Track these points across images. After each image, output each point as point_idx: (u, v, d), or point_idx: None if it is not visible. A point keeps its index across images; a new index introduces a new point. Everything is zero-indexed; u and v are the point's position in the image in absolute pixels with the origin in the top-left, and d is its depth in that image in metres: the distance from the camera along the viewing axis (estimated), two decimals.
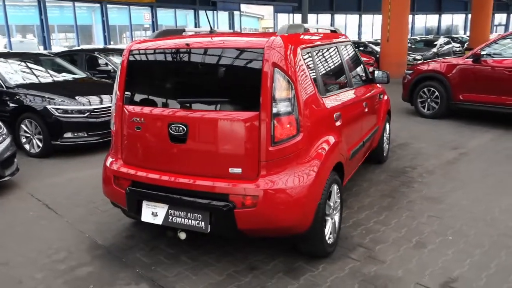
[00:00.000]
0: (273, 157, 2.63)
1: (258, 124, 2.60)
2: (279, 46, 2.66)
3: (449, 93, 7.49)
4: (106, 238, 3.46)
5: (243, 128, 2.63)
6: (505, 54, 6.89)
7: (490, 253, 3.07)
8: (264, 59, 2.62)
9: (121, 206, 3.16)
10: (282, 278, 2.82)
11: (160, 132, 2.84)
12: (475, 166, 5.10)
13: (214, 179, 2.72)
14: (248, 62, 2.70)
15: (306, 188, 2.65)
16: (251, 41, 2.80)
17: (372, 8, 33.78)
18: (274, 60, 2.61)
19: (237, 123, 2.64)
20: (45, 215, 3.97)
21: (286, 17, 30.11)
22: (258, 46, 2.68)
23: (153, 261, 3.09)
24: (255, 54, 2.66)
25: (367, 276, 2.82)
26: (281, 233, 2.75)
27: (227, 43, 2.82)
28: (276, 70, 2.60)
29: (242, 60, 2.72)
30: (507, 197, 4.08)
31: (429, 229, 3.47)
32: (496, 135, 6.57)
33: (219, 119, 2.69)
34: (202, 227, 2.71)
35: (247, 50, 2.72)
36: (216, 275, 2.89)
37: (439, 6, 37.71)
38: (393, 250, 3.14)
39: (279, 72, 2.61)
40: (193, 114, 2.75)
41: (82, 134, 5.81)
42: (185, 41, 2.88)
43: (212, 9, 24.92)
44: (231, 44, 2.80)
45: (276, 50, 2.64)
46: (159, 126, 2.85)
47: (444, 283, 2.70)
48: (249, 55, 2.70)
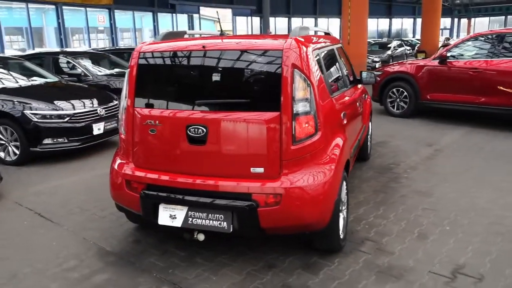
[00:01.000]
0: (294, 156, 2.70)
1: (279, 124, 2.67)
2: (296, 47, 2.74)
3: (417, 93, 7.89)
4: (114, 244, 3.39)
5: (265, 128, 2.69)
6: (469, 55, 7.36)
7: (488, 240, 3.30)
8: (283, 60, 2.69)
9: (133, 211, 3.11)
10: (302, 274, 2.90)
11: (178, 134, 2.84)
12: (453, 161, 5.42)
13: (235, 179, 2.75)
14: (266, 63, 2.76)
15: (327, 185, 2.74)
16: (268, 43, 2.86)
17: (327, 12, 34.79)
18: (293, 61, 2.69)
19: (259, 124, 2.70)
20: (41, 224, 3.81)
21: (244, 20, 30.32)
22: (276, 47, 2.74)
23: (168, 265, 3.07)
24: (273, 55, 2.73)
25: (381, 267, 2.95)
26: (302, 230, 2.83)
27: (244, 45, 2.87)
28: (295, 71, 2.68)
29: (260, 62, 2.78)
30: (488, 189, 4.39)
31: (427, 220, 3.68)
32: (464, 132, 7.00)
33: (240, 120, 2.73)
34: (224, 227, 2.74)
35: (265, 51, 2.78)
36: (236, 274, 2.92)
37: (390, 11, 39.41)
38: (399, 242, 3.31)
39: (297, 73, 2.69)
40: (213, 115, 2.77)
41: (62, 140, 5.61)
42: (202, 43, 2.89)
43: (170, 12, 24.68)
44: (248, 46, 2.85)
45: (293, 51, 2.72)
46: (176, 128, 2.84)
47: (453, 270, 2.89)
48: (267, 56, 2.76)
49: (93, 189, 4.68)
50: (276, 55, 2.72)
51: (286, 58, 2.69)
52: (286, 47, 2.72)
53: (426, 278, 2.81)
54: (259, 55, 2.78)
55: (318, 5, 34.12)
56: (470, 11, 39.64)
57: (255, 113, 2.72)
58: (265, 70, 2.76)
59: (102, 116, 6.05)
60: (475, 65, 7.07)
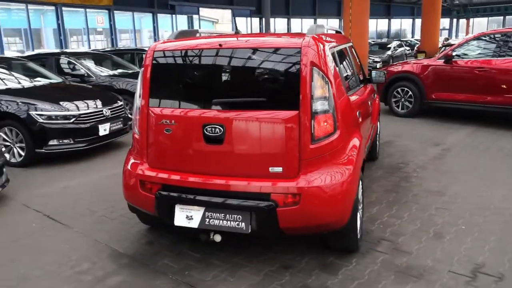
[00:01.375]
0: (313, 155, 2.66)
1: (298, 123, 2.63)
2: (314, 45, 2.71)
3: (422, 92, 7.86)
4: (126, 246, 3.35)
5: (283, 127, 2.65)
6: (474, 54, 7.34)
7: (504, 239, 3.27)
8: (302, 58, 2.65)
9: (147, 212, 3.07)
10: (320, 275, 2.86)
11: (194, 133, 2.80)
12: (461, 160, 5.39)
13: (253, 179, 2.71)
14: (285, 61, 2.72)
15: (346, 185, 2.71)
16: (286, 41, 2.83)
17: (326, 12, 34.82)
18: (311, 59, 2.66)
19: (277, 122, 2.66)
20: (50, 226, 3.76)
21: (244, 21, 30.29)
22: (295, 46, 2.71)
23: (183, 266, 3.03)
24: (292, 54, 2.69)
25: (400, 267, 2.92)
26: (321, 229, 2.79)
27: (261, 43, 2.83)
28: (314, 69, 2.65)
29: (278, 60, 2.74)
30: (500, 187, 4.36)
31: (441, 220, 3.64)
32: (470, 131, 6.98)
33: (259, 119, 2.69)
34: (243, 228, 2.70)
35: (283, 49, 2.74)
36: (253, 275, 2.88)
37: (389, 11, 39.46)
38: (415, 242, 3.27)
39: (316, 71, 2.66)
40: (230, 114, 2.73)
41: (68, 141, 5.55)
42: (218, 41, 2.85)
43: (170, 13, 24.63)
44: (265, 44, 2.81)
45: (312, 49, 2.68)
46: (193, 128, 2.80)
47: (473, 269, 2.85)
48: (285, 54, 2.72)
49: (101, 190, 4.63)
50: (294, 53, 2.68)
51: (304, 56, 2.65)
52: (305, 44, 2.69)
53: (446, 277, 2.77)
54: (277, 53, 2.74)
55: (317, 6, 34.13)
56: (469, 12, 39.71)
57: (273, 112, 2.68)
58: (283, 68, 2.72)
59: (108, 116, 6.01)
60: (481, 64, 7.05)
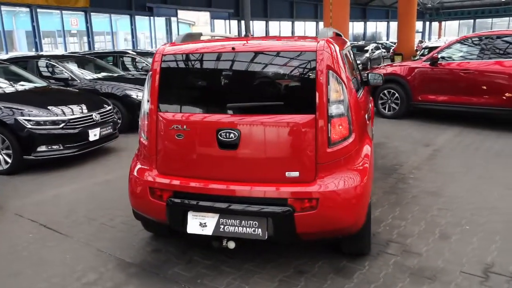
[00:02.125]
0: (330, 159, 2.65)
1: (315, 127, 2.62)
2: (328, 48, 2.70)
3: (409, 94, 8.01)
4: (132, 255, 3.25)
5: (300, 131, 2.63)
6: (459, 57, 7.52)
7: (509, 238, 3.34)
8: (318, 61, 2.64)
9: (155, 219, 2.99)
10: (335, 279, 2.85)
11: (208, 139, 2.74)
12: (453, 160, 5.50)
13: (269, 184, 2.67)
14: (300, 64, 2.70)
15: (362, 188, 2.70)
16: (301, 44, 2.80)
17: (304, 15, 35.14)
18: (327, 62, 2.64)
19: (294, 126, 2.63)
20: (48, 236, 3.62)
21: (222, 24, 30.22)
22: (310, 49, 2.69)
23: (195, 274, 2.96)
24: (307, 57, 2.68)
25: (413, 269, 2.93)
26: (337, 234, 2.77)
27: (275, 46, 2.81)
28: (330, 72, 2.64)
29: (293, 63, 2.71)
30: (495, 187, 4.46)
31: (444, 220, 3.69)
32: (456, 132, 7.14)
33: (274, 123, 2.66)
34: (259, 234, 2.65)
35: (298, 53, 2.72)
36: (268, 281, 2.85)
37: (364, 14, 40.13)
38: (423, 243, 3.30)
39: (332, 74, 2.65)
40: (246, 119, 2.68)
41: (58, 147, 5.38)
42: (230, 44, 2.81)
43: (148, 15, 24.33)
44: (279, 47, 2.79)
45: (327, 52, 2.67)
46: (206, 133, 2.75)
47: (484, 270, 2.90)
48: (300, 58, 2.70)
49: (96, 197, 4.50)
50: (309, 56, 2.67)
51: (320, 59, 2.64)
52: (320, 48, 2.67)
53: (459, 278, 2.80)
54: (291, 57, 2.72)
55: (295, 9, 34.41)
56: (441, 15, 40.83)
57: (289, 116, 2.66)
58: (299, 72, 2.70)
59: (98, 121, 5.86)
60: (466, 66, 7.23)
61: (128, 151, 6.45)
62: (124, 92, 7.67)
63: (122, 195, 4.49)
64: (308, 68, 2.67)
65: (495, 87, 6.90)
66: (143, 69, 10.14)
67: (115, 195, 4.52)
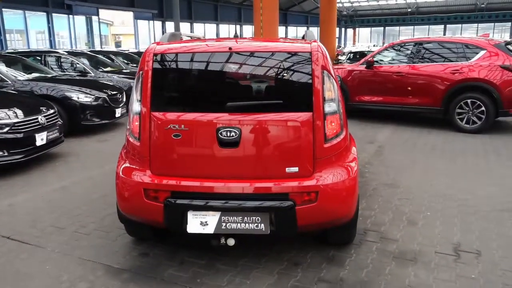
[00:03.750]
0: (326, 154, 2.81)
1: (312, 124, 2.76)
2: (320, 49, 2.86)
3: (347, 95, 8.52)
4: (119, 261, 3.13)
5: (299, 128, 2.75)
6: (393, 61, 8.19)
7: (465, 220, 3.76)
8: (313, 61, 2.78)
9: (150, 222, 2.93)
10: (329, 268, 3.01)
11: (207, 138, 2.75)
12: (398, 155, 6.00)
13: (270, 180, 2.76)
14: (296, 65, 2.83)
15: (353, 180, 2.90)
16: (296, 46, 2.92)
17: (228, 18, 35.46)
18: (322, 63, 2.80)
19: (293, 124, 2.75)
20: (16, 248, 3.35)
21: (146, 24, 29.42)
22: (305, 50, 2.83)
23: (192, 275, 2.95)
24: (303, 58, 2.81)
25: (395, 253, 3.20)
26: (333, 224, 2.94)
27: (271, 47, 2.90)
28: (324, 72, 2.80)
29: (288, 63, 2.83)
30: (441, 177, 4.97)
31: (408, 209, 4.05)
32: (392, 129, 7.77)
33: (274, 121, 2.75)
34: (262, 229, 2.73)
35: (293, 53, 2.84)
36: (267, 275, 2.93)
37: (285, 19, 41.53)
38: (396, 230, 3.60)
39: (326, 74, 2.81)
40: (246, 117, 2.74)
41: (2, 153, 4.95)
42: (227, 45, 2.85)
43: (66, 13, 22.92)
44: (275, 48, 2.88)
45: (320, 53, 2.83)
46: (206, 132, 2.76)
47: (454, 249, 3.25)
48: (296, 58, 2.83)
49: (57, 205, 4.22)
50: (305, 57, 2.80)
51: (315, 60, 2.79)
52: (314, 49, 2.82)
53: (436, 258, 3.12)
54: (287, 57, 2.84)
55: (220, 11, 34.60)
56: (355, 22, 43.61)
57: (288, 114, 2.77)
58: (295, 72, 2.83)
59: (44, 125, 5.47)
60: (398, 70, 7.89)
61: (74, 155, 6.11)
62: (64, 94, 7.22)
63: (86, 201, 4.29)
64: (304, 68, 2.80)
65: (424, 89, 7.62)
66: (77, 70, 9.59)
67: (78, 202, 4.28)
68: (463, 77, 7.20)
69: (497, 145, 6.51)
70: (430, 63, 7.67)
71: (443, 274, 2.91)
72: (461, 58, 7.33)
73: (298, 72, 2.82)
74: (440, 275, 2.90)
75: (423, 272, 2.93)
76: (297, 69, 2.82)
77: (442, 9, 40.52)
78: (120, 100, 8.06)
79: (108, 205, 4.19)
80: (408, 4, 40.42)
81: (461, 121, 7.34)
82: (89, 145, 6.84)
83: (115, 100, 7.87)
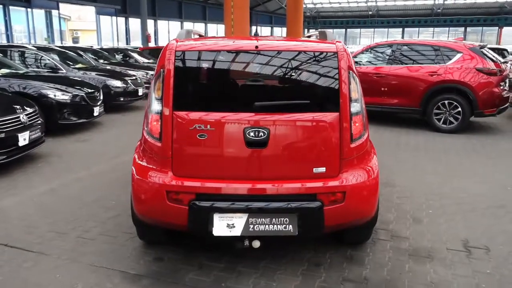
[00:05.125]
0: (352, 155, 2.81)
1: (339, 124, 2.75)
2: (345, 50, 2.86)
3: None
4: (133, 266, 3.00)
5: (326, 129, 2.74)
6: (373, 62, 8.37)
7: (466, 217, 3.90)
8: (340, 62, 2.78)
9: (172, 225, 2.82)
10: (351, 268, 3.02)
11: (235, 138, 2.69)
12: (384, 155, 6.08)
13: (298, 180, 2.74)
14: (323, 64, 2.81)
15: (376, 179, 2.93)
16: (322, 45, 2.90)
17: (193, 16, 35.08)
18: (348, 63, 2.81)
19: (320, 124, 2.74)
20: (18, 256, 3.13)
21: (109, 20, 28.51)
22: (330, 50, 2.82)
23: (215, 279, 2.87)
24: (329, 58, 2.80)
25: (410, 251, 3.26)
26: (356, 224, 2.95)
27: (297, 47, 2.87)
28: (350, 72, 2.80)
29: (315, 63, 2.81)
30: (431, 176, 5.13)
31: (408, 207, 4.15)
32: (373, 129, 7.72)
33: (302, 121, 2.72)
34: (290, 230, 2.70)
35: (319, 53, 2.83)
36: (292, 276, 2.90)
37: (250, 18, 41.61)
38: (403, 228, 3.67)
39: (351, 74, 2.82)
40: (274, 117, 2.70)
41: None
42: (253, 43, 2.79)
43: (25, 6, 21.81)
44: (302, 48, 2.86)
45: (345, 53, 2.83)
46: (233, 132, 2.69)
47: (464, 245, 3.36)
48: (322, 58, 2.81)
49: (50, 209, 3.99)
50: (331, 56, 2.80)
51: (342, 60, 2.78)
52: (340, 49, 2.82)
53: (450, 254, 3.21)
54: (313, 57, 2.82)
55: (184, 9, 34.15)
56: (317, 23, 44.31)
57: (315, 114, 2.75)
58: (321, 71, 2.81)
59: (26, 124, 5.17)
60: (379, 71, 8.09)
61: (56, 156, 5.81)
62: (39, 91, 6.86)
63: (80, 205, 4.10)
64: (330, 68, 2.79)
65: (404, 90, 7.84)
66: (47, 66, 9.12)
67: (72, 206, 4.08)
68: (440, 79, 7.48)
69: (474, 144, 6.81)
70: (409, 65, 7.91)
71: (460, 270, 2.99)
72: (439, 61, 7.61)
73: (324, 72, 2.81)
74: (457, 271, 2.98)
75: (441, 269, 3.00)
76: (324, 69, 2.81)
77: (400, 13, 41.97)
78: (98, 99, 7.76)
79: (106, 208, 4.02)
80: (369, 7, 41.58)
81: (439, 121, 7.62)
82: (68, 145, 6.53)
83: (93, 98, 7.56)
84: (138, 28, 31.47)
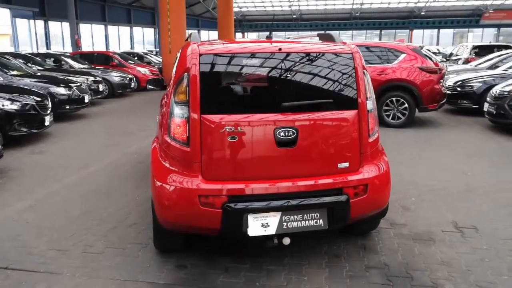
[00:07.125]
0: (370, 149, 3.00)
1: (358, 121, 2.92)
2: (358, 51, 3.04)
3: None
4: (157, 276, 2.93)
5: (348, 125, 2.90)
6: None
7: (445, 202, 4.29)
8: (356, 62, 2.95)
9: (203, 229, 2.79)
10: (369, 256, 3.20)
11: (266, 139, 2.74)
12: None
13: (325, 176, 2.85)
14: (340, 65, 2.95)
15: (388, 171, 3.14)
16: (338, 47, 3.03)
17: (142, 22, 34.57)
18: (362, 63, 2.99)
19: (343, 121, 2.88)
20: (27, 278, 2.89)
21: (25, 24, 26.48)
22: (346, 51, 2.98)
23: (245, 280, 2.89)
24: (345, 58, 2.95)
25: (413, 236, 3.53)
26: (374, 213, 3.12)
27: (318, 49, 2.97)
28: (365, 72, 2.99)
29: (334, 64, 2.94)
30: (399, 167, 5.50)
31: (395, 196, 4.38)
32: None
33: (328, 119, 2.85)
34: (321, 224, 2.81)
35: (337, 54, 2.97)
36: (318, 269, 3.01)
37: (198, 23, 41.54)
38: (398, 215, 3.95)
39: (365, 74, 3.00)
40: (302, 116, 2.79)
41: None
42: (276, 46, 2.85)
43: None
44: (321, 50, 2.97)
45: (359, 54, 3.01)
46: (264, 133, 2.73)
47: (455, 226, 3.71)
48: (339, 59, 2.95)
49: (38, 226, 3.72)
50: (347, 57, 2.95)
51: (357, 60, 2.96)
52: (354, 50, 2.99)
53: (447, 236, 3.53)
54: (332, 58, 2.95)
55: (107, 12, 32.79)
56: (244, 26, 44.94)
57: (338, 112, 2.89)
58: (341, 71, 2.95)
59: None
60: None
61: (16, 171, 5.37)
62: None
63: (69, 220, 3.91)
64: (348, 68, 2.95)
65: None
66: None
67: (61, 221, 3.83)
68: (388, 78, 8.05)
69: (424, 137, 7.43)
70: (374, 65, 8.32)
71: (461, 249, 3.31)
72: (386, 61, 8.19)
73: (343, 72, 2.95)
74: (459, 249, 3.30)
75: (445, 249, 3.30)
76: (343, 69, 2.95)
77: (322, 17, 44.05)
78: (48, 107, 7.25)
79: (99, 221, 3.83)
80: (292, 11, 43.05)
81: (388, 117, 8.19)
82: (24, 158, 6.03)
83: (42, 107, 7.05)
84: (58, 32, 29.71)
